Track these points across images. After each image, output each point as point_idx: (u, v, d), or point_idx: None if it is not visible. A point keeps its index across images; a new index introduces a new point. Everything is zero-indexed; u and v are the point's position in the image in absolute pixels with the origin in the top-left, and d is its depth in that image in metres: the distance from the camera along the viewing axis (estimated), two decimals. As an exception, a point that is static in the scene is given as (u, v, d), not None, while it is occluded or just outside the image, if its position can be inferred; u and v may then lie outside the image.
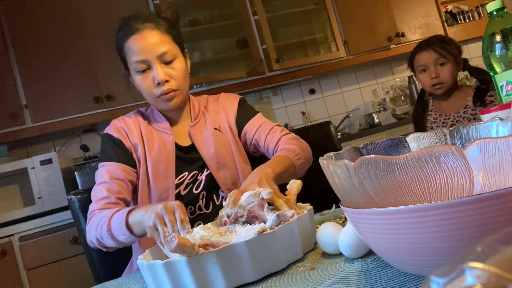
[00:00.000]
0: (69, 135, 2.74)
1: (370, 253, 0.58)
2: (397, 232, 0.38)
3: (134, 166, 1.06)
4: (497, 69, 0.83)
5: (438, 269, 0.19)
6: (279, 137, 1.09)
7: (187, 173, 1.08)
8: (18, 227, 2.08)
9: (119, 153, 1.05)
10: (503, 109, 0.74)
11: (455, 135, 0.55)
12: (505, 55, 0.80)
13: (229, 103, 1.19)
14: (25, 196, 2.16)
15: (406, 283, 0.45)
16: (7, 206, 2.13)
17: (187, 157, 1.10)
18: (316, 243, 0.70)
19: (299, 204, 0.80)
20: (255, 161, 1.20)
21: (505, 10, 0.83)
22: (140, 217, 0.83)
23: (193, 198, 1.07)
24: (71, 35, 2.48)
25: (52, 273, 2.09)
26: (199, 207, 1.08)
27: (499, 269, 0.17)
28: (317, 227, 0.65)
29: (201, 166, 1.09)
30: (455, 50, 1.71)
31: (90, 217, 0.97)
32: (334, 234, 0.61)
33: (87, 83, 2.48)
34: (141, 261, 0.65)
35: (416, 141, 0.59)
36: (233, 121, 1.16)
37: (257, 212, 0.70)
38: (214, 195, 1.10)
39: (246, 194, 0.72)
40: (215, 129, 1.13)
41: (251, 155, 1.20)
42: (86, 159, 2.58)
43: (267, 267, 0.61)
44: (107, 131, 1.10)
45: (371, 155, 0.40)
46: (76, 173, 2.31)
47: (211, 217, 1.05)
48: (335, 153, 0.54)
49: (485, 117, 0.77)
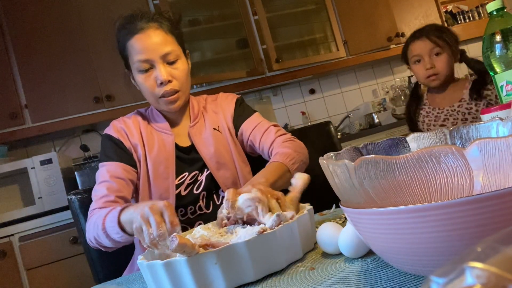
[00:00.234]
0: (69, 135, 2.74)
1: (370, 253, 0.58)
2: (397, 232, 0.38)
3: (134, 166, 1.06)
4: (497, 69, 0.83)
5: (438, 269, 0.19)
6: (274, 138, 1.08)
7: (187, 174, 1.08)
8: (18, 227, 2.08)
9: (120, 153, 1.05)
10: (503, 109, 0.74)
11: (455, 135, 0.55)
12: (505, 55, 0.80)
13: (226, 103, 1.19)
14: (25, 196, 2.16)
15: (406, 283, 0.45)
16: (7, 206, 2.13)
17: (187, 158, 1.10)
18: (316, 243, 0.70)
19: (299, 204, 0.80)
20: (254, 161, 1.20)
21: (505, 10, 0.83)
22: (129, 215, 0.82)
23: (194, 198, 1.07)
24: (71, 35, 2.48)
25: (52, 273, 2.09)
26: (200, 207, 1.08)
27: (499, 269, 0.17)
28: (317, 227, 0.65)
29: (201, 166, 1.09)
30: (451, 39, 1.59)
31: (89, 216, 0.97)
32: (334, 234, 0.61)
33: (87, 83, 2.48)
34: (141, 261, 0.65)
35: (416, 141, 0.59)
36: (231, 122, 1.16)
37: (255, 216, 0.70)
38: (214, 195, 1.10)
39: (242, 197, 0.71)
40: (214, 129, 1.13)
41: (249, 156, 1.20)
42: (86, 159, 2.58)
43: (267, 267, 0.61)
44: (107, 131, 1.10)
45: (371, 155, 0.40)
46: (76, 173, 2.31)
47: (212, 217, 1.04)
48: (335, 153, 0.54)
49: (485, 117, 0.77)
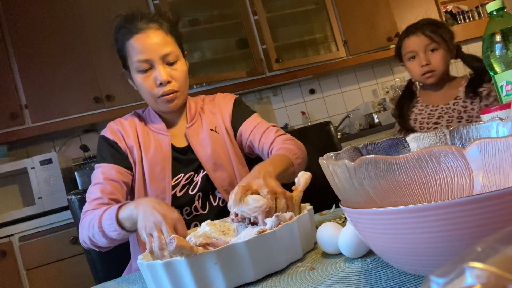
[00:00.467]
0: (69, 135, 2.74)
1: (370, 253, 0.58)
2: (397, 232, 0.38)
3: (129, 168, 1.06)
4: (497, 69, 0.83)
5: (438, 269, 0.19)
6: (274, 138, 1.08)
7: (183, 175, 1.08)
8: (18, 227, 2.08)
9: (115, 155, 1.06)
10: (503, 109, 0.74)
11: (455, 135, 0.55)
12: (505, 55, 0.80)
13: (224, 103, 1.19)
14: (25, 196, 2.16)
15: (406, 283, 0.45)
16: (7, 206, 2.13)
17: (183, 159, 1.10)
18: (316, 243, 0.70)
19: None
20: (252, 163, 1.20)
21: (505, 10, 0.83)
22: (130, 211, 0.83)
23: (189, 199, 1.07)
24: (71, 35, 2.48)
25: (52, 273, 2.09)
26: (195, 208, 1.08)
27: (499, 269, 0.17)
28: (317, 227, 0.65)
29: (197, 167, 1.09)
30: (447, 34, 1.51)
31: (82, 218, 0.97)
32: (334, 234, 0.61)
33: (87, 83, 2.48)
34: (141, 261, 0.65)
35: (416, 141, 0.59)
36: (229, 122, 1.15)
37: (260, 220, 0.71)
38: (210, 196, 1.10)
39: (253, 204, 0.71)
40: (211, 130, 1.13)
41: (247, 157, 1.19)
42: (86, 159, 2.58)
43: (267, 267, 0.61)
44: (103, 133, 1.10)
45: (371, 155, 0.40)
46: (76, 173, 2.31)
47: (208, 218, 1.04)
48: (335, 153, 0.54)
49: (485, 117, 0.77)
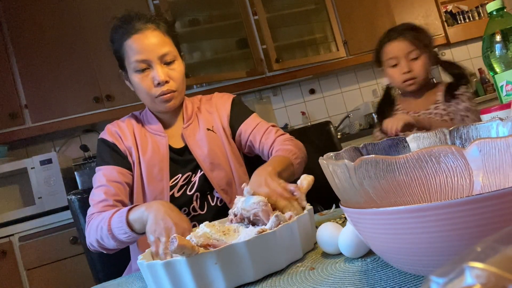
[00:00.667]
0: (69, 135, 2.74)
1: (370, 253, 0.58)
2: (397, 232, 0.38)
3: (130, 168, 1.06)
4: (497, 69, 0.83)
5: (438, 269, 0.19)
6: (274, 138, 1.09)
7: (180, 175, 1.08)
8: (18, 227, 2.08)
9: (115, 156, 1.06)
10: (503, 109, 0.74)
11: (455, 135, 0.55)
12: (505, 55, 0.80)
13: (221, 103, 1.18)
14: (25, 196, 2.16)
15: (406, 283, 0.45)
16: (7, 206, 2.13)
17: (181, 159, 1.10)
18: (316, 243, 0.70)
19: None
20: (250, 161, 1.20)
21: (505, 10, 0.83)
22: (141, 213, 0.84)
23: (187, 199, 1.07)
24: (71, 35, 2.48)
25: (52, 273, 2.09)
26: (194, 209, 1.08)
27: (499, 269, 0.17)
28: (317, 227, 0.65)
29: (195, 167, 1.09)
30: (428, 40, 1.46)
31: (89, 220, 0.97)
32: (334, 234, 0.61)
33: (87, 83, 2.48)
34: (141, 261, 0.65)
35: (416, 141, 0.59)
36: (227, 122, 1.15)
37: (261, 217, 0.70)
38: (208, 196, 1.10)
39: (251, 200, 0.72)
40: (208, 129, 1.13)
41: (245, 156, 1.20)
42: (86, 159, 2.58)
43: (267, 267, 0.61)
44: (102, 136, 1.10)
45: (371, 155, 0.40)
46: (76, 173, 2.31)
47: (207, 218, 1.04)
48: (335, 153, 0.54)
49: (485, 117, 0.77)
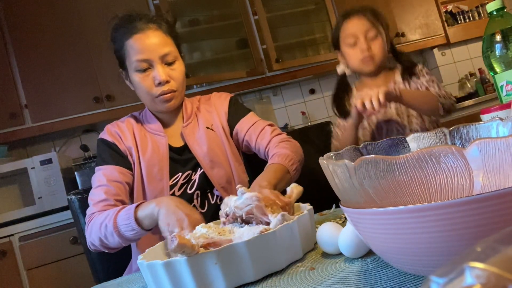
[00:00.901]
0: (69, 135, 2.74)
1: (370, 253, 0.58)
2: (397, 232, 0.38)
3: (130, 168, 1.07)
4: (497, 69, 0.83)
5: (438, 269, 0.19)
6: (270, 138, 1.09)
7: (180, 174, 1.08)
8: (18, 227, 2.08)
9: (115, 156, 1.06)
10: (503, 109, 0.74)
11: (455, 135, 0.55)
12: (505, 55, 0.81)
13: (220, 102, 1.20)
14: (25, 196, 2.16)
15: (406, 283, 0.45)
16: (7, 206, 2.13)
17: (180, 158, 1.10)
18: (316, 243, 0.70)
19: (299, 204, 0.80)
20: (249, 160, 1.20)
21: (505, 10, 0.83)
22: (151, 210, 0.85)
23: (188, 198, 1.07)
24: (71, 35, 2.48)
25: (52, 273, 2.09)
26: (194, 207, 1.08)
27: (499, 269, 0.17)
28: (317, 227, 0.65)
29: (194, 165, 1.10)
30: (386, 23, 1.44)
31: (89, 220, 0.96)
32: (334, 234, 0.61)
33: (87, 83, 2.48)
34: (141, 261, 0.65)
35: (416, 141, 0.59)
36: (225, 120, 1.16)
37: (255, 214, 0.70)
38: (208, 194, 1.10)
39: (244, 196, 0.72)
40: (208, 128, 1.14)
41: (245, 154, 1.20)
42: (86, 159, 2.58)
43: (267, 267, 0.61)
44: (102, 136, 1.11)
45: (371, 155, 0.40)
46: (76, 173, 2.31)
47: (207, 216, 1.05)
48: (335, 153, 0.54)
49: (485, 117, 0.77)
